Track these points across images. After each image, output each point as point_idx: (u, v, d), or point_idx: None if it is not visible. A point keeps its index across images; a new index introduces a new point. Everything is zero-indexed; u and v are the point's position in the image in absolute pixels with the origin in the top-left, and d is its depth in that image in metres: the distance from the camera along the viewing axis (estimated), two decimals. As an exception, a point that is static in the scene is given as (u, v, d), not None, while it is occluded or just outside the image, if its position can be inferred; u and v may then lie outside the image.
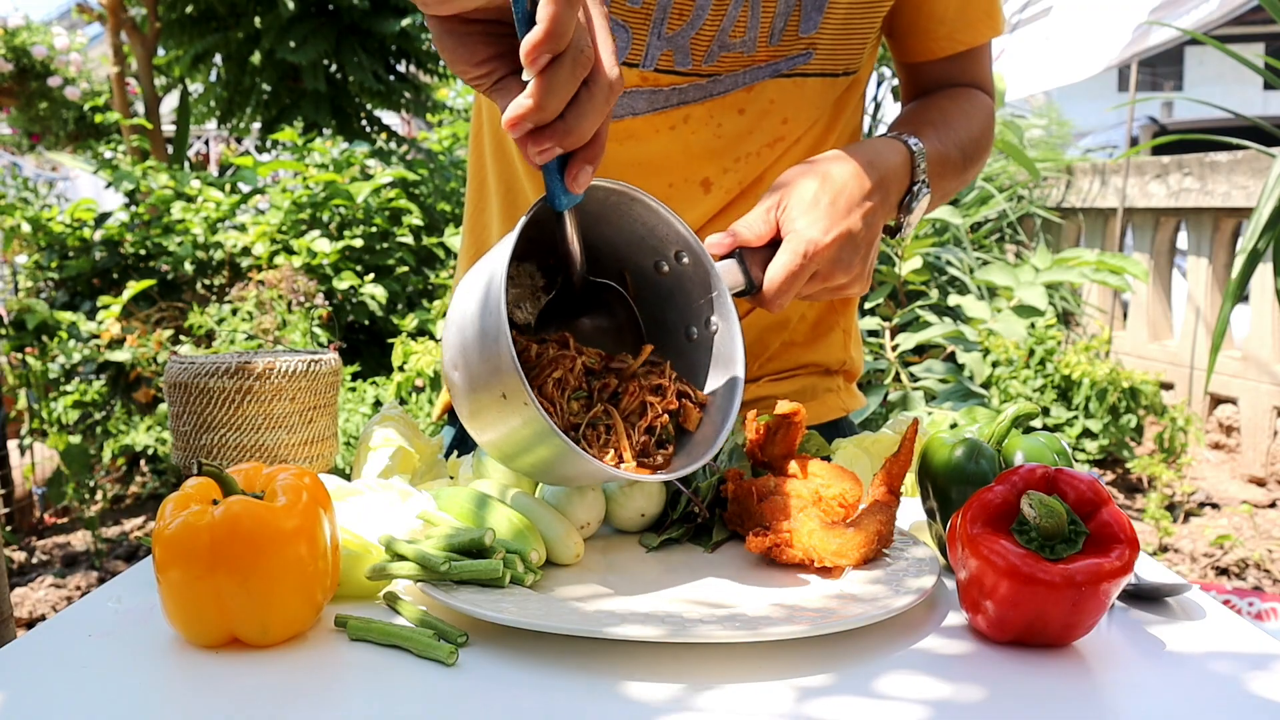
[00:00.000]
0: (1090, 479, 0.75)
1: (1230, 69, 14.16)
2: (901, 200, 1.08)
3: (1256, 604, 2.93)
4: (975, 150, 1.19)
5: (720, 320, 0.92)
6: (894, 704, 0.66)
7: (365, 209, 4.82)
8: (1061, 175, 6.32)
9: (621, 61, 1.09)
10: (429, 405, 3.85)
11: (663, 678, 0.69)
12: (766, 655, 0.72)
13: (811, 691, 0.67)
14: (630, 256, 0.94)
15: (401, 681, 0.69)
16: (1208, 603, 0.84)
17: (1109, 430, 4.53)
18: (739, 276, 0.96)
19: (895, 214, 1.08)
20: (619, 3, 1.08)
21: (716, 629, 0.71)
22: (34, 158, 9.37)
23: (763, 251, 0.97)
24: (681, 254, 0.92)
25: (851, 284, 1.03)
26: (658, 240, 0.92)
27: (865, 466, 1.08)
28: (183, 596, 0.73)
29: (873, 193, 1.01)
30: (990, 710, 0.65)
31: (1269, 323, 4.75)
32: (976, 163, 1.21)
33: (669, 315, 0.96)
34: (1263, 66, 3.03)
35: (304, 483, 0.76)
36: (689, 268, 0.92)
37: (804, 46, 1.13)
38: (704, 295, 0.92)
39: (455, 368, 0.84)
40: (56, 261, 4.69)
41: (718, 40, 1.10)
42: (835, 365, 1.33)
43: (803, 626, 0.71)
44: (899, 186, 1.06)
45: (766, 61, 1.13)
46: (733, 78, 1.13)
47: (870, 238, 1.02)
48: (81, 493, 4.07)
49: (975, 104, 1.22)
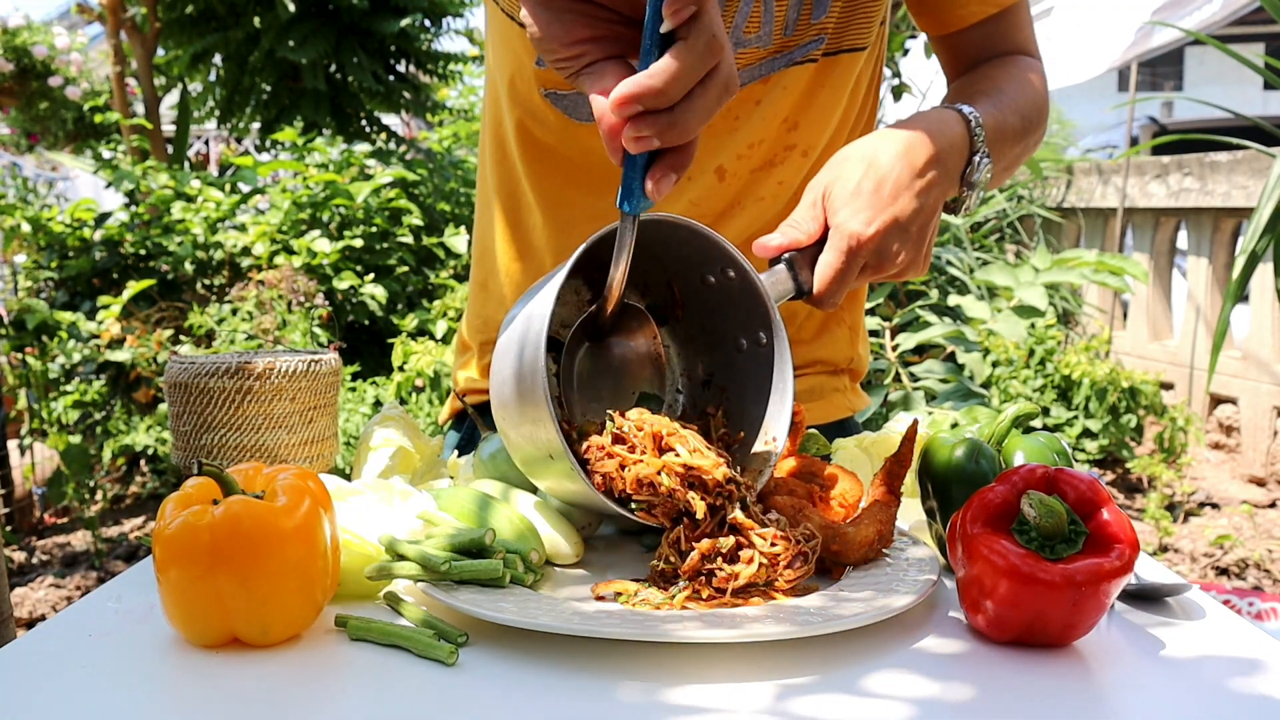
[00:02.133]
0: (1090, 479, 0.75)
1: (1230, 69, 14.16)
2: (963, 172, 1.03)
3: (1256, 604, 2.93)
4: (1034, 115, 1.14)
5: (768, 335, 0.92)
6: (894, 704, 0.66)
7: (365, 209, 4.82)
8: (1062, 175, 6.32)
9: None
10: (429, 405, 3.85)
11: (663, 678, 0.69)
12: (767, 656, 0.72)
13: (811, 691, 0.67)
14: (679, 272, 0.95)
15: (401, 681, 0.69)
16: (1208, 603, 0.84)
17: (1109, 430, 4.53)
18: (788, 284, 0.95)
19: (957, 188, 1.03)
20: (639, 10, 1.07)
21: (717, 630, 0.71)
22: (34, 158, 9.37)
23: (813, 249, 0.97)
24: (728, 269, 0.92)
25: (907, 269, 0.99)
26: (704, 258, 0.92)
27: (865, 466, 1.08)
28: (183, 596, 0.73)
29: (925, 170, 0.97)
30: (990, 710, 0.65)
31: (1269, 323, 4.75)
32: (1036, 129, 1.15)
33: (718, 325, 0.96)
34: (1263, 66, 3.03)
35: (304, 483, 0.76)
36: (735, 282, 0.92)
37: (816, 32, 1.12)
38: (751, 310, 0.92)
39: (501, 420, 0.89)
40: (56, 261, 4.69)
41: (733, 37, 1.10)
42: (843, 362, 1.32)
43: (803, 627, 0.71)
44: (958, 159, 1.01)
45: (781, 52, 1.13)
46: (749, 72, 1.13)
47: (924, 219, 0.98)
48: (81, 493, 4.07)
49: (1025, 68, 1.17)
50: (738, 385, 0.96)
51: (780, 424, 0.91)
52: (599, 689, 0.68)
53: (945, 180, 1.00)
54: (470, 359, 1.35)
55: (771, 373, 0.92)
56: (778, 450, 0.90)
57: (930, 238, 1.01)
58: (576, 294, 0.96)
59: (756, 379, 0.93)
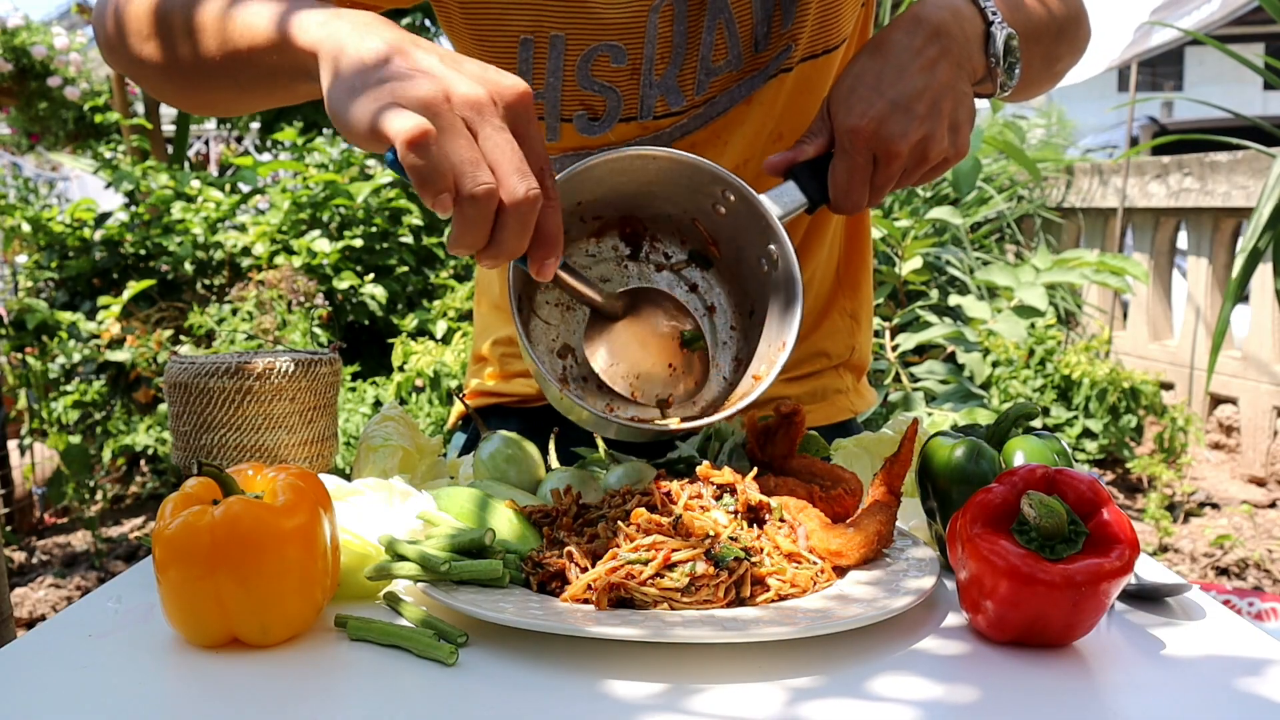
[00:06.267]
0: (1090, 479, 0.75)
1: (1230, 69, 14.16)
2: (986, 47, 0.99)
3: (1256, 604, 2.93)
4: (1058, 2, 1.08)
5: (776, 246, 0.95)
6: (894, 704, 0.66)
7: (365, 209, 4.82)
8: (1062, 175, 6.31)
9: (618, 119, 1.10)
10: (429, 405, 3.85)
11: (663, 679, 0.69)
12: (766, 657, 0.72)
13: (811, 692, 0.67)
14: (695, 208, 0.99)
15: (401, 681, 0.69)
16: (1208, 603, 0.84)
17: (1109, 430, 4.53)
18: (797, 196, 0.98)
19: (977, 62, 0.99)
20: (603, 68, 1.08)
21: (717, 630, 0.71)
22: (34, 158, 9.36)
23: (826, 159, 0.99)
24: (727, 192, 0.96)
25: (930, 150, 0.96)
26: (700, 186, 0.96)
27: (865, 466, 1.08)
28: (183, 596, 0.73)
29: (924, 47, 0.95)
30: (990, 711, 0.65)
31: (1269, 323, 4.75)
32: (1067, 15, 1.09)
33: (743, 249, 1.00)
34: (1263, 66, 3.03)
35: (304, 483, 0.75)
36: (738, 204, 0.96)
37: (786, 43, 1.11)
38: (762, 228, 0.96)
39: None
40: (56, 261, 4.69)
41: (702, 69, 1.09)
42: (843, 353, 1.31)
43: (802, 628, 0.71)
44: (966, 29, 0.97)
45: (756, 70, 1.12)
46: (728, 95, 1.12)
47: (933, 95, 0.95)
48: (81, 493, 4.07)
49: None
50: (767, 300, 1.00)
51: (790, 329, 0.94)
52: (599, 689, 0.68)
53: (954, 52, 0.97)
54: (483, 368, 1.35)
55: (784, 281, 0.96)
56: (785, 354, 0.94)
57: (949, 114, 0.96)
58: (615, 250, 1.02)
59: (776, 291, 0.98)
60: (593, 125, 1.11)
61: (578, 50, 1.06)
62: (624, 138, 1.11)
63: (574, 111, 1.10)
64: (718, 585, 0.76)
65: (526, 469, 1.03)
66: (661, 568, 0.77)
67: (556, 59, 1.07)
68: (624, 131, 1.11)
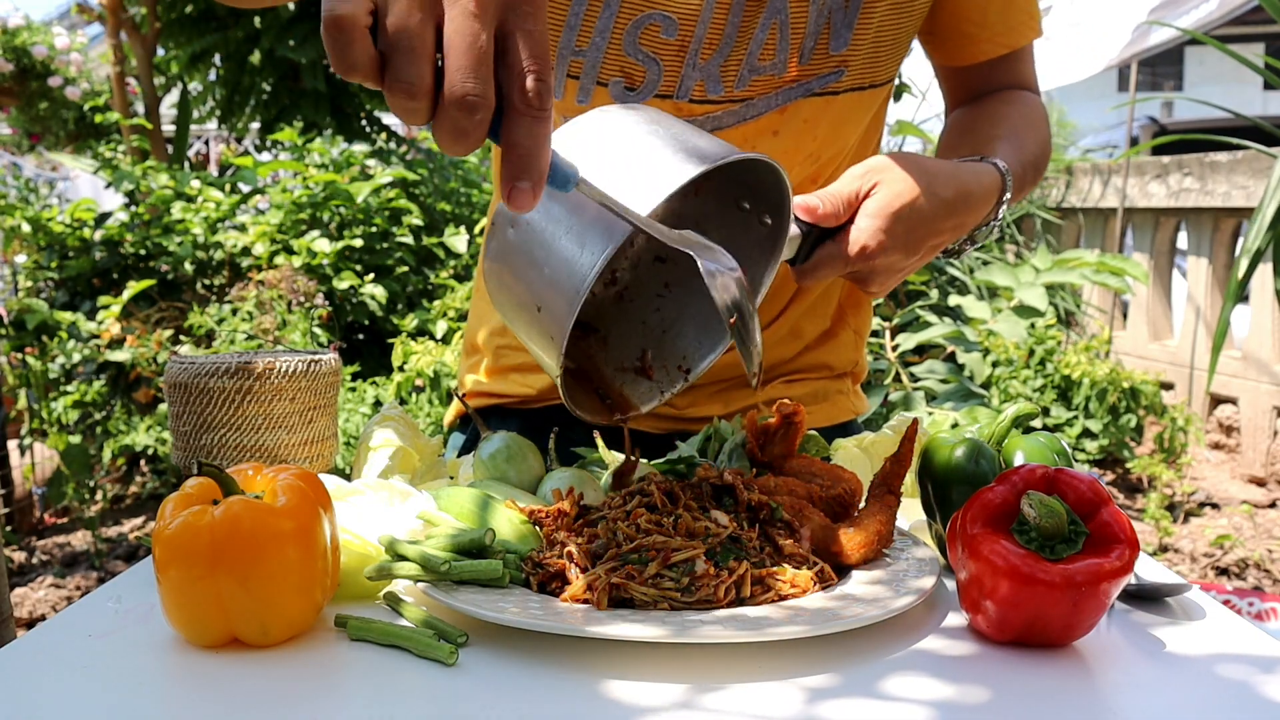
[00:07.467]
0: (1090, 479, 0.75)
1: (1230, 69, 14.16)
2: (975, 228, 1.09)
3: (1256, 604, 2.93)
4: (1042, 163, 1.19)
5: (771, 217, 0.96)
6: (894, 704, 0.66)
7: (365, 209, 4.82)
8: (1061, 175, 6.31)
9: (654, 94, 1.10)
10: (429, 405, 3.85)
11: (663, 678, 0.69)
12: (767, 656, 0.72)
13: (811, 692, 0.67)
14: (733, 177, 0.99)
15: (401, 681, 0.69)
16: (1208, 603, 0.84)
17: (1109, 430, 4.53)
18: (794, 248, 0.99)
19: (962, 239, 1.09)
20: (651, 38, 1.08)
21: (717, 629, 0.71)
22: (34, 158, 9.36)
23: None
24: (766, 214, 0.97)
25: (877, 293, 1.06)
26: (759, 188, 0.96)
27: (865, 466, 1.08)
28: (183, 596, 0.73)
29: (949, 231, 1.03)
30: (991, 710, 0.65)
31: (1269, 323, 4.75)
32: (1039, 177, 1.20)
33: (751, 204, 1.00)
34: (1263, 66, 3.03)
35: (304, 483, 0.76)
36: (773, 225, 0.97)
37: (835, 65, 1.11)
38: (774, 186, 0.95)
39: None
40: (56, 261, 4.69)
41: (747, 64, 1.09)
42: (847, 366, 1.33)
43: (803, 627, 0.71)
44: (978, 218, 1.07)
45: (798, 82, 1.11)
46: (765, 100, 1.12)
47: (923, 261, 1.04)
48: (81, 493, 4.07)
49: (1034, 112, 1.22)
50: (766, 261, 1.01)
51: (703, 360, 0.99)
52: (599, 689, 0.68)
53: (967, 226, 1.06)
54: (479, 362, 1.34)
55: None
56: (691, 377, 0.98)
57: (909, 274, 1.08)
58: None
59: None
60: (628, 94, 1.10)
61: (631, 13, 1.06)
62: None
63: (611, 77, 1.10)
64: (718, 585, 0.76)
65: (526, 469, 1.03)
66: (661, 568, 0.77)
67: (608, 19, 1.07)
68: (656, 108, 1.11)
